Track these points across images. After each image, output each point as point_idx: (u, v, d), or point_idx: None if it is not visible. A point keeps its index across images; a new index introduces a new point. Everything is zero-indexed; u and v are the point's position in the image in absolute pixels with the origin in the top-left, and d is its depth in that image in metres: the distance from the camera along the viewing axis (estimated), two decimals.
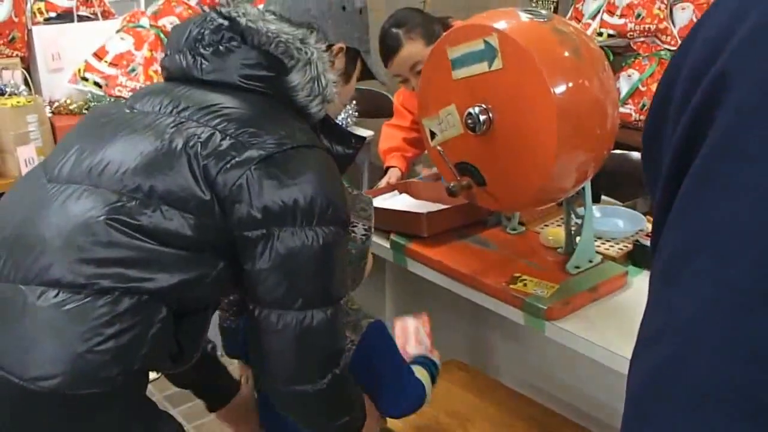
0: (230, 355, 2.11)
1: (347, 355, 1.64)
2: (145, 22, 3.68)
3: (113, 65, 3.54)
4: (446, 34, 1.96)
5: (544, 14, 1.87)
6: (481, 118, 1.82)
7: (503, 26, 1.79)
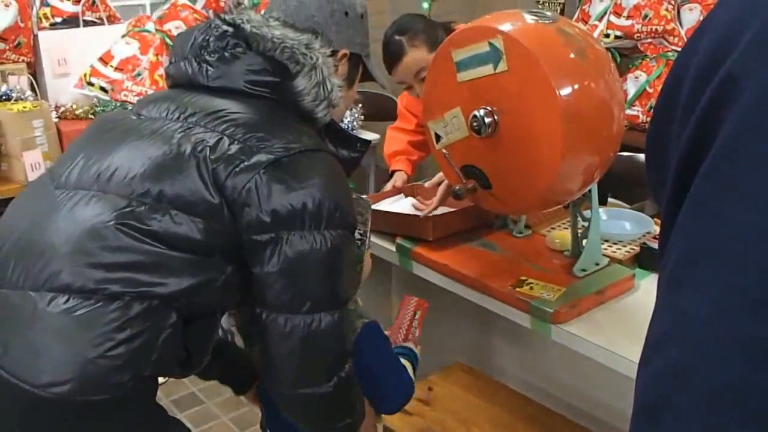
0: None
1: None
2: (150, 26, 3.69)
3: (119, 70, 3.55)
4: (451, 36, 1.94)
5: (549, 16, 1.86)
6: (486, 120, 1.81)
7: (508, 28, 1.78)
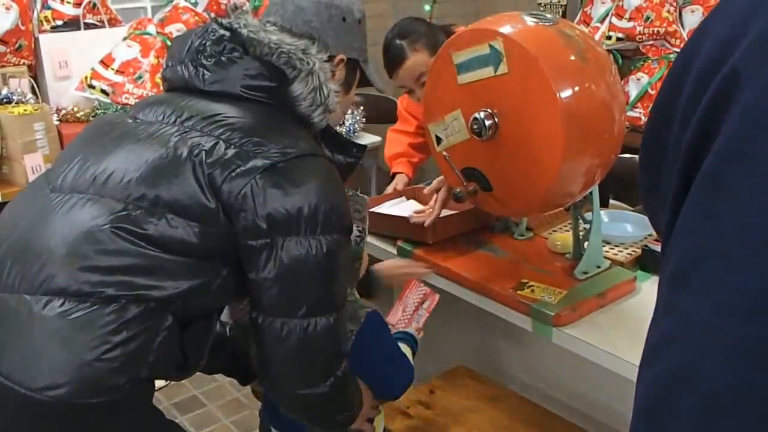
0: None
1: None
2: (151, 29, 3.70)
3: (120, 73, 3.56)
4: (451, 38, 1.94)
5: (549, 18, 1.85)
6: (486, 123, 1.81)
7: (508, 30, 1.78)
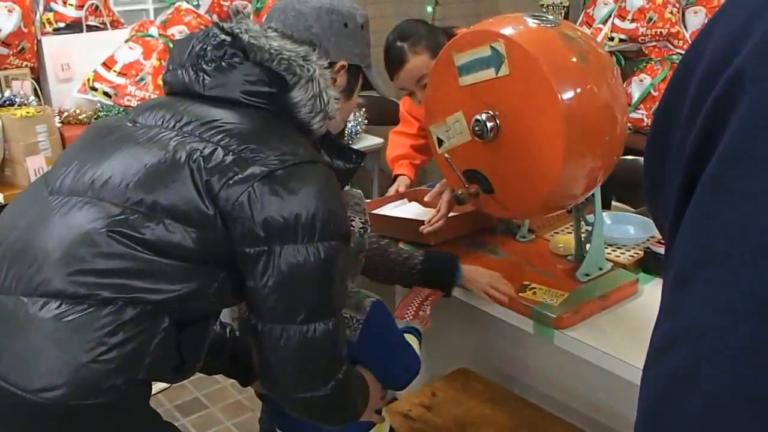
0: None
1: (349, 328, 1.69)
2: (154, 31, 3.69)
3: (122, 75, 3.56)
4: (453, 40, 1.94)
5: (551, 19, 1.85)
6: (488, 124, 1.81)
7: (510, 32, 1.78)
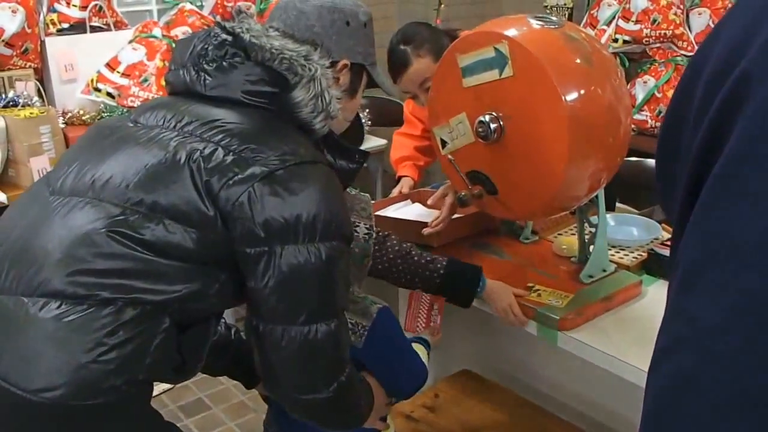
0: None
1: (354, 334, 1.69)
2: (157, 32, 3.70)
3: (126, 76, 3.56)
4: (456, 41, 1.94)
5: (555, 21, 1.85)
6: (491, 126, 1.81)
7: (513, 33, 1.78)
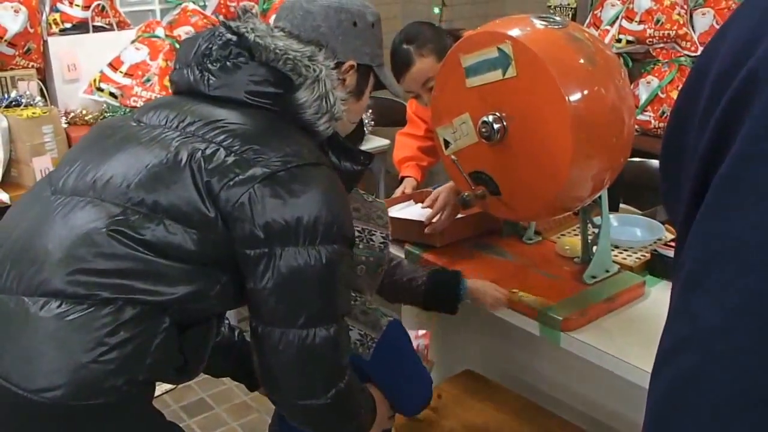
0: None
1: (363, 345, 1.67)
2: (160, 32, 3.70)
3: (128, 75, 3.56)
4: (460, 41, 1.93)
5: (558, 21, 1.84)
6: (495, 126, 1.80)
7: (517, 33, 1.77)
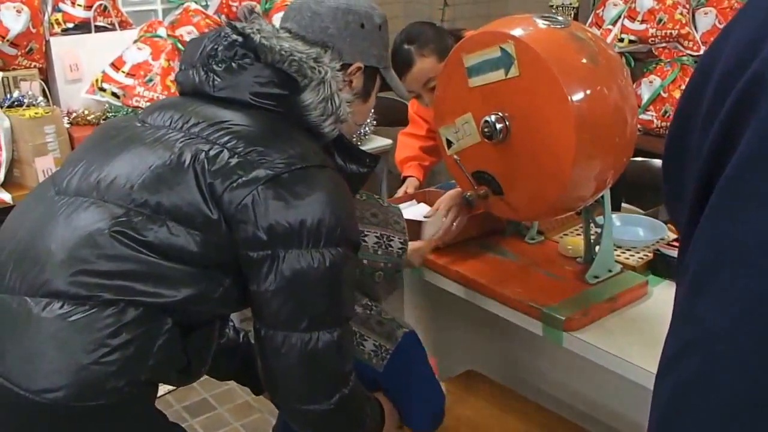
0: None
1: (377, 356, 1.66)
2: (162, 32, 3.69)
3: (131, 75, 3.55)
4: (462, 41, 1.93)
5: (561, 21, 1.84)
6: (497, 126, 1.80)
7: (519, 33, 1.77)
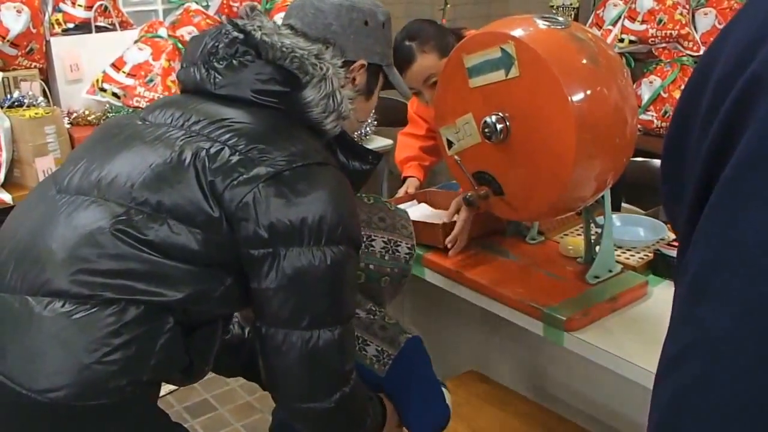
0: None
1: (379, 362, 1.65)
2: (163, 32, 3.70)
3: (131, 76, 3.56)
4: (463, 41, 1.93)
5: (561, 21, 1.84)
6: (498, 126, 1.80)
7: (520, 34, 1.77)
